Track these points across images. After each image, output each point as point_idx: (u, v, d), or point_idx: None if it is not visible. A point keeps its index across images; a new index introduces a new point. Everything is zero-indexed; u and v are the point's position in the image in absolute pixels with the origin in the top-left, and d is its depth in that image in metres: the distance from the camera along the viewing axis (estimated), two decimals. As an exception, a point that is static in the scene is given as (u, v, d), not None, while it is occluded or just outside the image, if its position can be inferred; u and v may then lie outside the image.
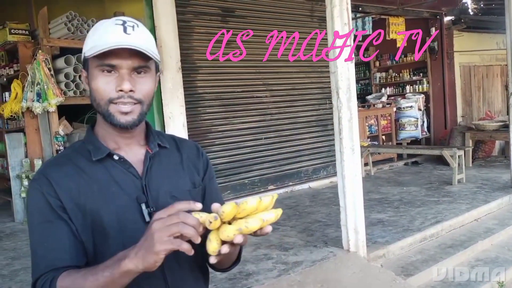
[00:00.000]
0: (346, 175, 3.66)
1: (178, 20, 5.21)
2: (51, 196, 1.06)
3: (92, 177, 1.10)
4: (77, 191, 1.07)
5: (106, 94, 1.06)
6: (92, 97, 1.10)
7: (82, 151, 1.13)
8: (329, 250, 3.81)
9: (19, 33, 5.35)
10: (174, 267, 1.14)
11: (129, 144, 1.16)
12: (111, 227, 1.07)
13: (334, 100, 3.65)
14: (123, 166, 1.12)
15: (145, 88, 1.09)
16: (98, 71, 1.06)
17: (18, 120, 5.47)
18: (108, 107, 1.07)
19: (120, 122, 1.08)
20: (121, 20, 1.07)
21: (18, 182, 5.28)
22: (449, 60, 9.27)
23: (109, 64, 1.04)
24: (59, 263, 1.02)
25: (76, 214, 1.06)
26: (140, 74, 1.08)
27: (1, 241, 4.68)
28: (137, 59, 1.05)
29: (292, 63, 6.53)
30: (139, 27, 1.08)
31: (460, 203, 5.25)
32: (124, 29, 1.05)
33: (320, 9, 6.61)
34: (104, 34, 1.05)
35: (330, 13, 3.55)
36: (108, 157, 1.12)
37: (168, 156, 1.21)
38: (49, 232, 1.05)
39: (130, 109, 1.07)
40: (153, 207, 1.10)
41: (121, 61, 1.04)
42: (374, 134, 8.45)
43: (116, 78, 1.06)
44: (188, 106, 5.35)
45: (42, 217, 1.06)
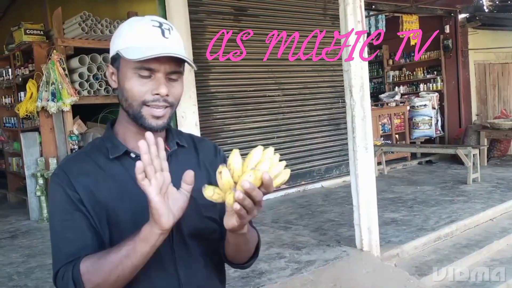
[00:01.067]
0: (359, 174, 3.64)
1: (190, 19, 5.22)
2: (70, 190, 1.07)
3: (110, 175, 1.11)
4: (95, 188, 1.09)
5: (140, 96, 1.07)
6: (123, 96, 1.10)
7: (101, 148, 1.15)
8: (342, 250, 3.80)
9: (34, 33, 5.42)
10: (187, 262, 1.13)
11: None
12: (127, 224, 1.07)
13: (347, 98, 3.63)
14: None
15: (177, 92, 1.11)
16: (134, 73, 1.06)
17: (33, 119, 5.54)
18: (141, 109, 1.07)
19: (151, 126, 1.08)
20: (157, 22, 1.07)
21: (33, 180, 5.34)
22: (463, 58, 9.16)
23: (149, 68, 1.05)
24: (79, 253, 1.03)
25: (92, 210, 1.08)
26: (173, 78, 1.09)
27: (17, 239, 4.74)
28: (173, 64, 1.07)
29: (304, 62, 6.51)
30: (173, 30, 1.10)
31: (475, 202, 5.19)
32: (162, 32, 1.06)
33: (332, 7, 6.58)
34: (143, 36, 1.05)
35: (343, 11, 3.53)
36: (126, 155, 1.13)
37: (186, 155, 1.21)
38: (70, 225, 1.06)
39: (162, 113, 1.08)
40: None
41: (160, 65, 1.05)
42: (388, 133, 8.39)
43: (152, 80, 1.06)
44: (201, 105, 5.36)
45: (63, 210, 1.08)
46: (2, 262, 4.00)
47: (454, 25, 8.99)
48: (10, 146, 6.59)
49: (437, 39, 9.19)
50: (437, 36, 9.15)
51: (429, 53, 9.49)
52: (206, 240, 1.18)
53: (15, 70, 5.95)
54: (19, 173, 6.39)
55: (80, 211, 1.07)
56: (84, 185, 1.08)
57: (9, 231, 5.09)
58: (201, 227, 1.16)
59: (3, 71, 6.33)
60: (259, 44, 6.03)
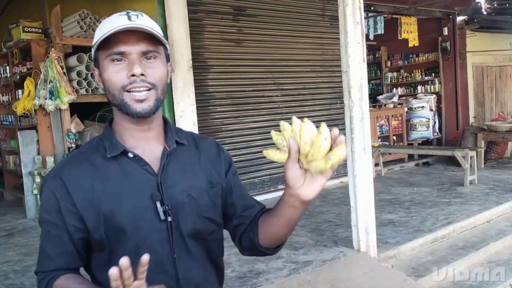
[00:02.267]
0: (357, 175, 3.65)
1: (189, 19, 5.21)
2: (63, 199, 1.07)
3: (107, 176, 1.09)
4: (91, 190, 1.08)
5: (118, 81, 1.05)
6: (106, 90, 1.09)
7: (99, 147, 1.13)
8: (339, 250, 3.80)
9: (32, 31, 5.41)
10: (186, 263, 1.13)
11: (147, 139, 1.14)
12: (126, 226, 1.07)
13: (346, 99, 3.64)
14: (138, 164, 1.10)
15: (157, 73, 1.07)
16: (108, 62, 1.05)
17: (30, 117, 5.53)
18: (122, 96, 1.06)
19: (136, 111, 1.06)
20: (124, 11, 1.07)
21: (31, 179, 5.33)
22: (461, 60, 9.18)
23: (118, 51, 1.04)
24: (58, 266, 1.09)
25: (90, 213, 1.07)
26: (150, 60, 1.07)
27: (14, 237, 4.73)
28: (145, 43, 1.05)
29: (303, 62, 6.52)
30: (144, 16, 1.08)
31: (472, 204, 5.20)
32: (129, 17, 1.05)
33: (331, 8, 6.58)
34: (109, 24, 1.04)
35: (342, 12, 3.53)
36: (123, 155, 1.11)
37: (185, 153, 1.19)
38: (54, 233, 1.09)
39: (144, 96, 1.06)
40: (168, 205, 1.09)
41: (129, 46, 1.04)
42: (385, 134, 8.40)
43: (127, 65, 1.05)
44: (199, 104, 5.35)
45: (50, 217, 1.09)
46: (-2, 260, 4.00)
47: (452, 27, 9.01)
48: (7, 144, 6.57)
49: (435, 41, 9.21)
50: (436, 38, 9.17)
51: (427, 55, 9.51)
52: (205, 241, 1.17)
53: (13, 68, 5.93)
54: (16, 171, 6.36)
55: (67, 223, 1.08)
56: (80, 189, 1.08)
57: (6, 229, 5.08)
58: (201, 228, 1.15)
59: (0, 69, 6.31)
60: (258, 44, 6.03)
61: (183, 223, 1.11)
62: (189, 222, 1.12)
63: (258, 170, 6.05)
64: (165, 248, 1.09)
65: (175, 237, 1.10)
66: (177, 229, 1.10)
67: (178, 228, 1.10)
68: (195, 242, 1.14)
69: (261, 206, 1.27)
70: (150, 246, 1.07)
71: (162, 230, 1.09)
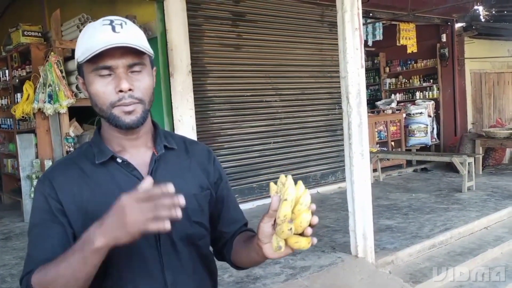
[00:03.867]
0: (355, 181, 3.65)
1: (189, 23, 5.24)
2: (52, 199, 1.07)
3: (95, 181, 1.09)
4: (80, 195, 1.08)
5: (106, 98, 1.05)
6: (93, 103, 1.08)
7: (88, 153, 1.13)
8: (337, 256, 3.80)
9: (32, 35, 5.42)
10: (175, 268, 1.12)
11: (136, 146, 1.14)
12: None
13: (344, 105, 3.65)
14: (127, 169, 1.11)
15: (143, 85, 1.07)
16: (94, 76, 1.04)
17: (29, 121, 5.52)
18: (111, 111, 1.06)
19: (125, 123, 1.06)
20: (108, 20, 1.06)
21: (28, 182, 5.32)
22: (459, 67, 9.22)
23: (104, 66, 1.03)
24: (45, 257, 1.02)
25: (77, 218, 1.07)
26: (136, 72, 1.06)
27: (11, 240, 4.72)
28: (130, 57, 1.04)
29: (302, 68, 6.54)
30: (127, 24, 1.07)
31: (469, 210, 5.21)
32: (113, 28, 1.03)
33: (330, 14, 6.62)
34: (93, 36, 1.03)
35: (341, 18, 3.55)
36: (112, 160, 1.11)
37: (175, 157, 1.18)
38: (43, 234, 1.06)
39: (132, 108, 1.05)
40: None
41: (115, 60, 1.02)
42: (383, 140, 8.42)
43: (114, 79, 1.04)
44: (198, 109, 5.37)
45: (40, 218, 1.07)
46: (-5, 264, 3.99)
47: (450, 34, 9.05)
48: (5, 148, 6.57)
49: (433, 48, 9.25)
50: (434, 44, 9.22)
51: (426, 61, 9.54)
52: (195, 246, 1.17)
53: (12, 71, 5.95)
54: (13, 174, 6.36)
55: (58, 222, 1.06)
56: (68, 193, 1.08)
57: (3, 232, 5.07)
58: (191, 232, 1.14)
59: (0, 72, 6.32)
60: (257, 49, 6.05)
61: (173, 228, 1.07)
62: (180, 227, 1.10)
63: (256, 175, 6.05)
64: (152, 253, 1.09)
65: (163, 243, 1.10)
66: (167, 234, 1.09)
67: (167, 233, 1.08)
68: (186, 247, 1.14)
69: (243, 222, 1.30)
70: (137, 251, 1.07)
71: (149, 236, 1.07)
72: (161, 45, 5.05)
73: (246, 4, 5.96)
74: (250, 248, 1.09)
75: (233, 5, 5.85)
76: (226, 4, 5.78)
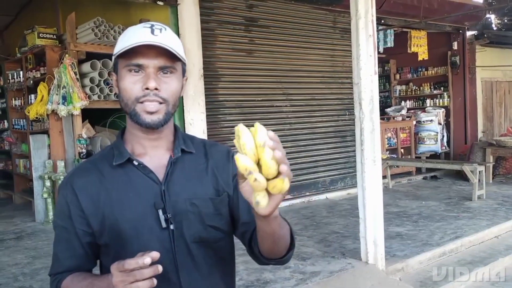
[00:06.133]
0: (366, 187, 3.65)
1: (202, 28, 5.29)
2: (73, 205, 1.12)
3: (112, 183, 1.12)
4: (98, 197, 1.11)
5: (133, 93, 1.07)
6: (120, 97, 1.12)
7: (108, 155, 1.16)
8: (347, 262, 3.79)
9: (47, 37, 5.49)
10: (189, 270, 1.13)
11: (156, 148, 1.15)
12: (128, 233, 1.09)
13: (357, 111, 3.66)
14: (143, 172, 1.12)
15: (170, 87, 1.09)
16: (126, 71, 1.08)
17: (42, 122, 5.59)
18: (135, 107, 1.08)
19: (146, 122, 1.08)
20: (149, 24, 1.09)
21: (41, 183, 5.37)
22: (470, 75, 9.19)
23: (136, 63, 1.06)
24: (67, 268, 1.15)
25: (95, 220, 1.11)
26: (166, 74, 1.09)
27: (23, 240, 4.76)
28: (163, 59, 1.07)
29: (313, 74, 6.56)
30: (167, 30, 1.10)
31: (480, 219, 5.18)
32: (152, 31, 1.07)
33: (342, 21, 6.64)
34: (132, 36, 1.07)
35: (355, 24, 3.57)
36: (129, 162, 1.13)
37: (192, 161, 1.18)
38: (65, 237, 1.15)
39: (155, 108, 1.07)
40: (170, 213, 1.10)
41: (148, 60, 1.06)
42: (393, 147, 8.40)
43: (143, 77, 1.07)
44: (209, 113, 5.40)
45: (62, 222, 1.15)
46: (7, 263, 4.02)
47: (462, 42, 9.04)
48: (18, 148, 6.63)
49: (445, 55, 9.23)
50: (445, 52, 9.20)
51: (437, 69, 9.52)
52: (211, 249, 1.17)
53: (27, 72, 6.02)
54: (25, 174, 6.42)
55: (77, 228, 1.12)
56: (88, 196, 1.12)
57: (14, 232, 5.12)
58: (205, 236, 1.15)
59: (14, 73, 6.40)
60: (269, 54, 6.08)
61: (187, 231, 1.12)
62: (193, 230, 1.12)
63: (265, 179, 6.05)
64: (167, 256, 1.10)
65: (178, 245, 1.11)
66: (181, 237, 1.11)
67: (182, 236, 1.11)
68: (200, 251, 1.14)
69: None
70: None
71: (164, 238, 1.10)
72: (174, 49, 5.09)
73: (259, 10, 6.00)
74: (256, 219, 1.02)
75: (246, 11, 5.90)
76: (239, 9, 5.83)
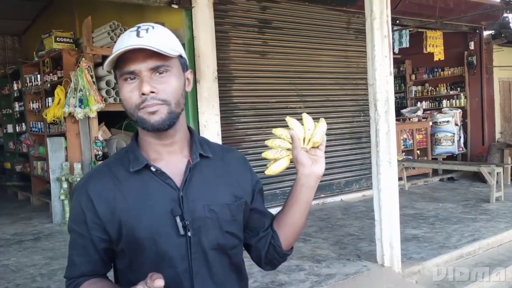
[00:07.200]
0: (382, 189, 3.62)
1: (216, 31, 5.31)
2: (89, 211, 1.10)
3: (128, 190, 1.10)
4: (114, 203, 1.09)
5: (132, 101, 1.06)
6: (124, 107, 1.11)
7: (124, 160, 1.14)
8: (362, 264, 3.76)
9: (64, 41, 5.57)
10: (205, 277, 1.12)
11: (171, 153, 1.14)
12: (145, 240, 1.07)
13: (372, 112, 3.63)
14: (161, 178, 1.10)
15: (168, 87, 1.07)
16: (123, 81, 1.07)
17: (60, 124, 5.67)
18: (137, 113, 1.07)
19: (150, 123, 1.06)
20: (136, 27, 1.08)
21: (58, 184, 5.44)
22: (488, 75, 9.06)
23: (128, 71, 1.04)
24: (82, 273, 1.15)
25: (112, 226, 1.09)
26: (161, 74, 1.06)
27: (40, 241, 4.83)
28: (153, 60, 1.04)
29: (327, 75, 6.53)
30: (155, 29, 1.07)
31: (498, 221, 5.09)
32: (137, 33, 1.05)
33: (357, 22, 6.60)
34: (119, 43, 1.06)
35: (369, 25, 3.54)
36: (146, 168, 1.11)
37: (210, 166, 1.17)
38: (80, 243, 1.14)
39: (156, 108, 1.05)
40: (188, 220, 1.09)
41: (138, 65, 1.04)
42: (409, 148, 8.32)
43: (138, 83, 1.05)
44: (223, 115, 5.42)
45: (77, 227, 1.13)
46: (25, 264, 4.08)
47: (479, 42, 8.92)
48: (35, 150, 6.74)
49: (461, 56, 9.12)
50: (462, 52, 9.09)
51: (453, 69, 9.42)
52: (226, 256, 1.16)
53: (44, 76, 6.11)
54: (43, 176, 6.52)
55: (92, 234, 1.11)
56: (104, 201, 1.10)
57: (32, 233, 5.19)
58: (222, 242, 1.14)
59: (32, 77, 6.51)
60: (283, 56, 6.07)
61: (205, 238, 1.11)
62: (212, 237, 1.12)
63: (280, 181, 6.04)
64: (183, 263, 1.09)
65: (195, 252, 1.10)
66: (199, 244, 1.10)
67: (200, 243, 1.10)
68: (217, 258, 1.14)
69: (272, 215, 1.33)
70: (169, 261, 1.08)
71: (181, 245, 1.09)
72: (188, 52, 5.12)
73: (272, 12, 6.00)
74: (299, 193, 1.24)
75: (260, 13, 5.90)
76: (253, 11, 5.83)
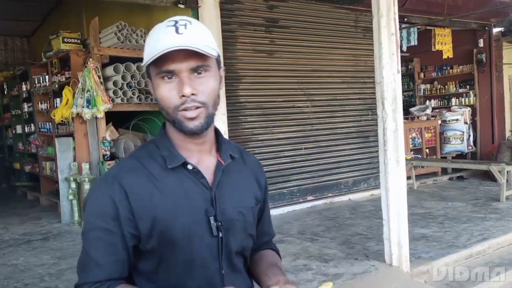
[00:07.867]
0: (390, 188, 3.59)
1: (222, 30, 5.31)
2: (123, 206, 1.04)
3: (165, 187, 1.08)
4: (149, 200, 1.06)
5: (171, 102, 1.04)
6: (160, 106, 1.08)
7: (156, 156, 1.10)
8: (370, 264, 3.74)
9: (71, 41, 5.59)
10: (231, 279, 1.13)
11: (201, 152, 1.13)
12: (178, 239, 1.06)
13: (379, 110, 3.60)
14: (196, 177, 1.09)
15: (207, 88, 1.05)
16: (159, 79, 1.04)
17: (68, 125, 5.70)
18: (176, 116, 1.04)
19: (188, 128, 1.05)
20: (173, 21, 1.03)
21: (66, 184, 5.47)
22: (497, 73, 8.96)
23: (167, 70, 1.02)
24: (110, 275, 1.04)
25: (144, 223, 1.05)
26: (200, 74, 1.04)
27: (49, 241, 4.86)
28: (193, 60, 1.01)
29: (335, 74, 6.50)
30: (192, 24, 1.04)
31: (508, 220, 5.03)
32: (176, 29, 1.01)
33: (364, 20, 6.56)
34: (158, 39, 1.02)
35: (377, 23, 3.51)
36: (182, 166, 1.09)
37: (236, 168, 1.18)
38: (107, 241, 1.05)
39: (195, 114, 1.04)
40: (221, 221, 1.09)
41: (178, 64, 1.01)
42: (418, 147, 8.25)
43: (177, 83, 1.03)
44: (230, 114, 5.41)
45: (104, 223, 1.05)
46: (34, 263, 4.10)
47: (488, 39, 8.82)
48: (44, 151, 6.78)
49: (470, 53, 9.03)
50: (471, 50, 9.00)
51: (462, 67, 9.32)
52: (244, 257, 1.19)
53: (52, 76, 6.15)
54: (52, 176, 6.56)
55: (122, 231, 1.05)
56: (139, 197, 1.05)
57: (41, 233, 5.22)
58: (245, 245, 1.17)
59: (40, 78, 6.55)
60: (290, 55, 6.05)
61: (233, 240, 1.12)
62: (238, 239, 1.13)
63: (287, 180, 6.04)
64: (214, 265, 1.10)
65: (224, 254, 1.11)
66: (227, 245, 1.11)
67: (227, 244, 1.11)
68: (239, 258, 1.16)
69: (271, 237, 1.35)
70: (201, 261, 1.08)
71: (212, 245, 1.09)
72: (195, 51, 5.11)
73: (280, 11, 5.98)
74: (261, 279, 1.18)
75: (267, 12, 5.88)
76: (260, 10, 5.82)
